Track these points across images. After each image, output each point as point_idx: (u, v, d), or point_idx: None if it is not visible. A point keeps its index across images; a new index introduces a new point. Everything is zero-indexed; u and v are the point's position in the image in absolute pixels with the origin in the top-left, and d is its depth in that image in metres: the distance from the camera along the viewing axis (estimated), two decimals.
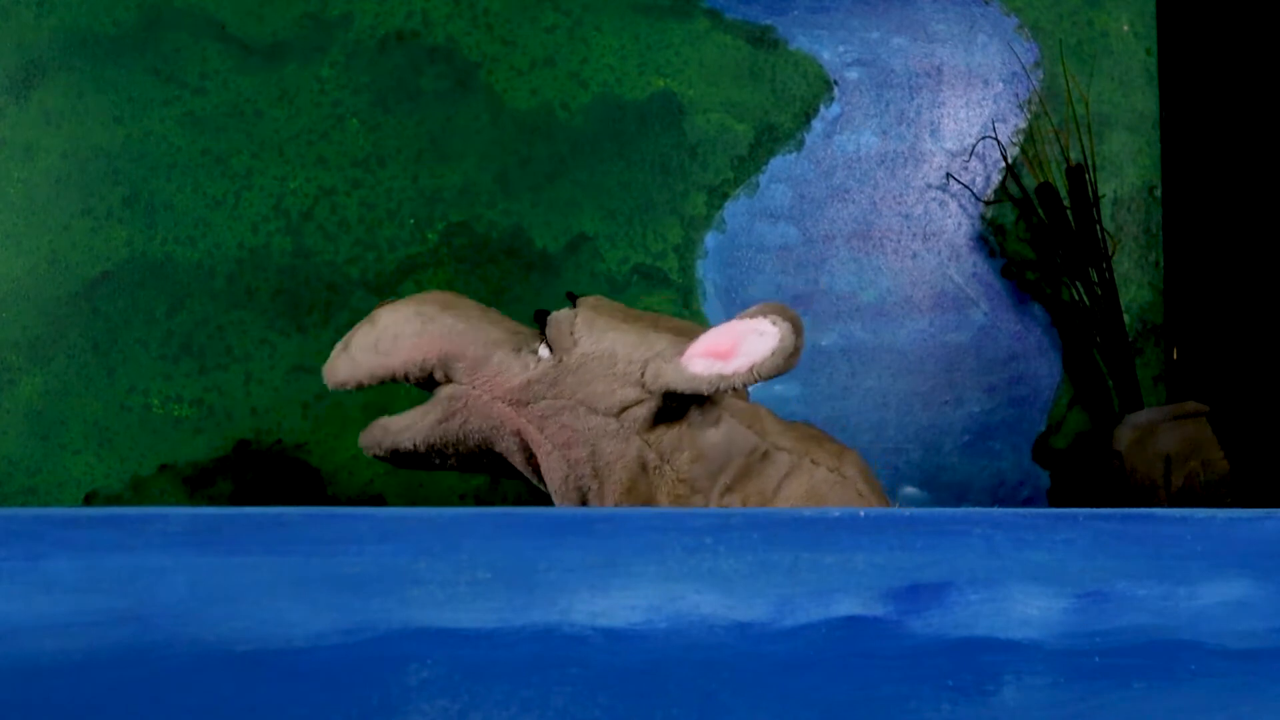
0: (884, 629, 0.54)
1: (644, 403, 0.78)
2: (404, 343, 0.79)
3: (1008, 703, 0.54)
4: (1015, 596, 0.55)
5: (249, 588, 0.51)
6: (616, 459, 0.78)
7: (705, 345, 0.77)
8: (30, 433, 1.10)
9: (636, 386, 0.78)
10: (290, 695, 0.50)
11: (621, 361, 0.78)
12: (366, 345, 0.80)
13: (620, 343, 0.79)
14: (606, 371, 0.78)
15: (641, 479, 0.79)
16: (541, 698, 0.51)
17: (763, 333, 0.76)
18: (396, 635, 0.51)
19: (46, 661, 0.49)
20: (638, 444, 0.78)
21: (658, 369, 0.77)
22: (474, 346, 0.79)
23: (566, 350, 0.79)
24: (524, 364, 0.79)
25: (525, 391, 0.79)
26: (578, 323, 0.80)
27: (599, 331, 0.79)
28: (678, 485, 0.79)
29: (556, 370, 0.78)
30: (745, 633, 0.53)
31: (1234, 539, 0.57)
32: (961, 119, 1.26)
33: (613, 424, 0.78)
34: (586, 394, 0.78)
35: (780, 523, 0.54)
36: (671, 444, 0.79)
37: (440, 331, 0.79)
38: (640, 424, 0.78)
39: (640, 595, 0.53)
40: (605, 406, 0.78)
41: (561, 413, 0.78)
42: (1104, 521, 0.57)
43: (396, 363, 0.79)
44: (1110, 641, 0.55)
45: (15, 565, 0.50)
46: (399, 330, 0.79)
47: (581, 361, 0.78)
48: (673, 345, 0.78)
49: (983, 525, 0.56)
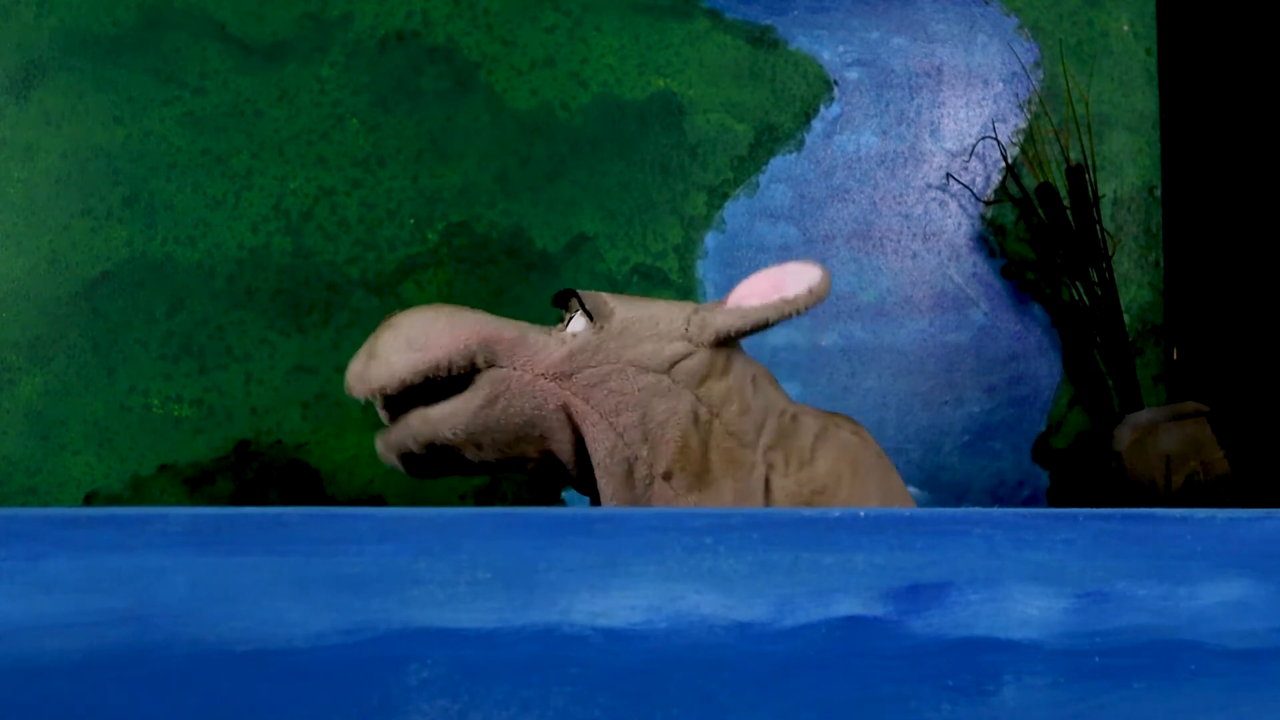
0: (884, 629, 0.54)
1: (693, 355, 0.80)
2: (439, 334, 0.79)
3: (1008, 703, 0.54)
4: (1015, 596, 0.55)
5: (249, 588, 0.51)
6: (669, 416, 0.79)
7: (747, 289, 0.81)
8: (30, 433, 1.10)
9: (684, 340, 0.80)
10: (290, 695, 0.50)
11: (664, 321, 0.80)
12: (397, 346, 0.79)
13: (657, 307, 0.82)
14: (651, 331, 0.80)
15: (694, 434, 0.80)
16: (541, 698, 0.51)
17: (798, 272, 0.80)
18: (396, 635, 0.51)
19: (46, 661, 0.49)
20: (689, 399, 0.80)
21: (704, 319, 0.80)
22: (507, 330, 0.80)
23: (606, 317, 0.80)
24: (560, 339, 0.80)
25: (569, 363, 0.79)
26: (605, 296, 0.82)
27: (631, 302, 0.82)
28: (727, 439, 0.80)
29: (599, 337, 0.80)
30: (745, 633, 0.53)
31: (1234, 539, 0.57)
32: (961, 119, 1.26)
33: (665, 380, 0.79)
34: (635, 354, 0.79)
35: (780, 523, 0.54)
36: (721, 396, 0.80)
37: (471, 320, 0.80)
38: (691, 377, 0.80)
39: (640, 595, 0.53)
40: (656, 364, 0.79)
41: (609, 378, 0.79)
42: (1104, 521, 0.57)
43: (439, 354, 0.78)
44: (1110, 641, 0.55)
45: (15, 565, 0.50)
46: (429, 325, 0.79)
47: (624, 326, 0.80)
48: (706, 303, 0.82)
49: (983, 525, 0.56)
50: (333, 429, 1.13)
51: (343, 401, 1.13)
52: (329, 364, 1.13)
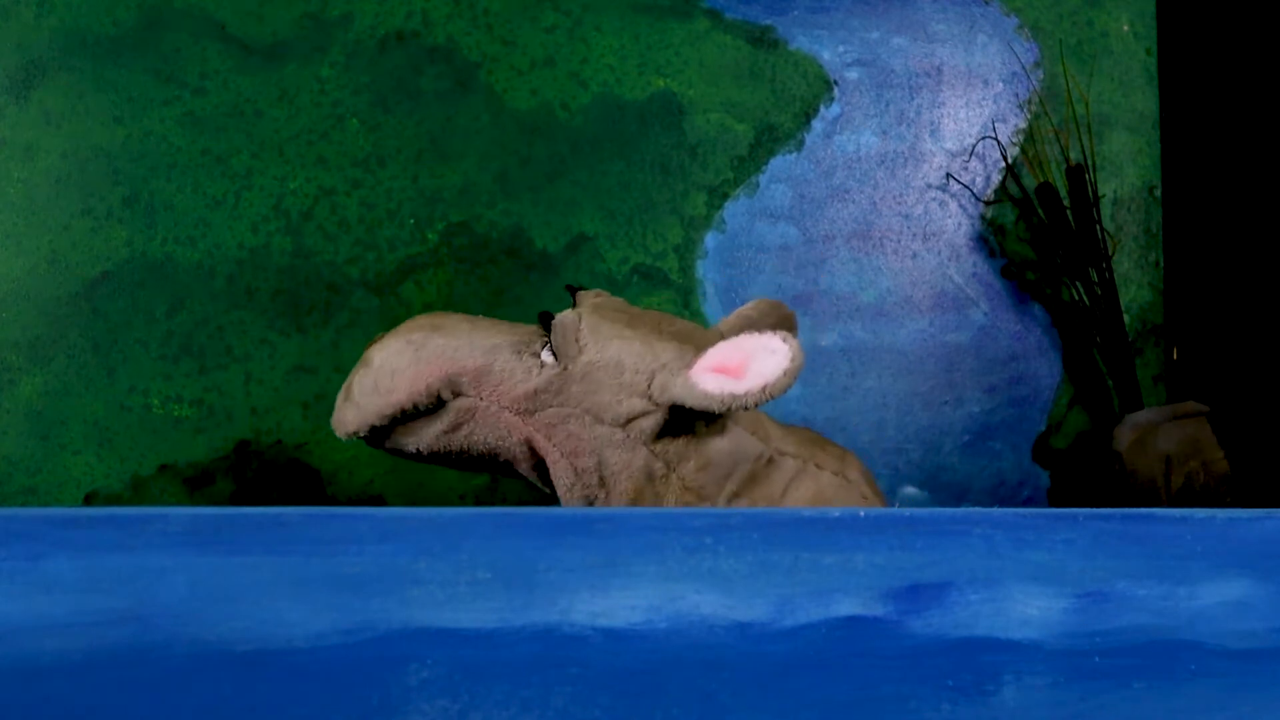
0: (884, 629, 0.54)
1: (650, 414, 0.77)
2: (402, 376, 0.79)
3: (1008, 703, 0.54)
4: (1015, 596, 0.55)
5: (249, 588, 0.51)
6: (623, 468, 0.78)
7: (714, 360, 0.76)
8: (30, 433, 1.10)
9: (643, 398, 0.77)
10: (290, 695, 0.50)
11: (629, 372, 0.77)
12: (367, 389, 0.80)
13: (626, 351, 0.78)
14: (613, 381, 0.77)
15: (648, 488, 0.78)
16: (541, 698, 0.51)
17: (774, 350, 0.75)
18: (396, 635, 0.51)
19: (46, 661, 0.49)
20: (644, 454, 0.78)
21: (665, 382, 0.76)
22: (472, 359, 0.79)
23: (571, 358, 0.78)
24: (527, 369, 0.79)
25: (532, 400, 0.78)
26: (582, 329, 0.79)
27: (604, 339, 0.78)
28: (685, 494, 0.79)
29: (562, 378, 0.78)
30: (745, 633, 0.53)
31: (1234, 539, 0.57)
32: (961, 119, 1.26)
33: (619, 434, 0.78)
34: (592, 403, 0.78)
35: (780, 523, 0.54)
36: (678, 453, 0.78)
37: (434, 354, 0.79)
38: (646, 435, 0.78)
39: (640, 595, 0.53)
40: (611, 417, 0.78)
41: (568, 420, 0.78)
42: (1104, 521, 0.57)
43: (401, 397, 0.79)
44: (1110, 641, 0.55)
45: (15, 565, 0.50)
46: (394, 366, 0.79)
47: (587, 370, 0.77)
48: (679, 356, 0.77)
49: (983, 525, 0.56)
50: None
51: None
52: (329, 364, 1.13)
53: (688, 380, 0.75)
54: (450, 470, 1.13)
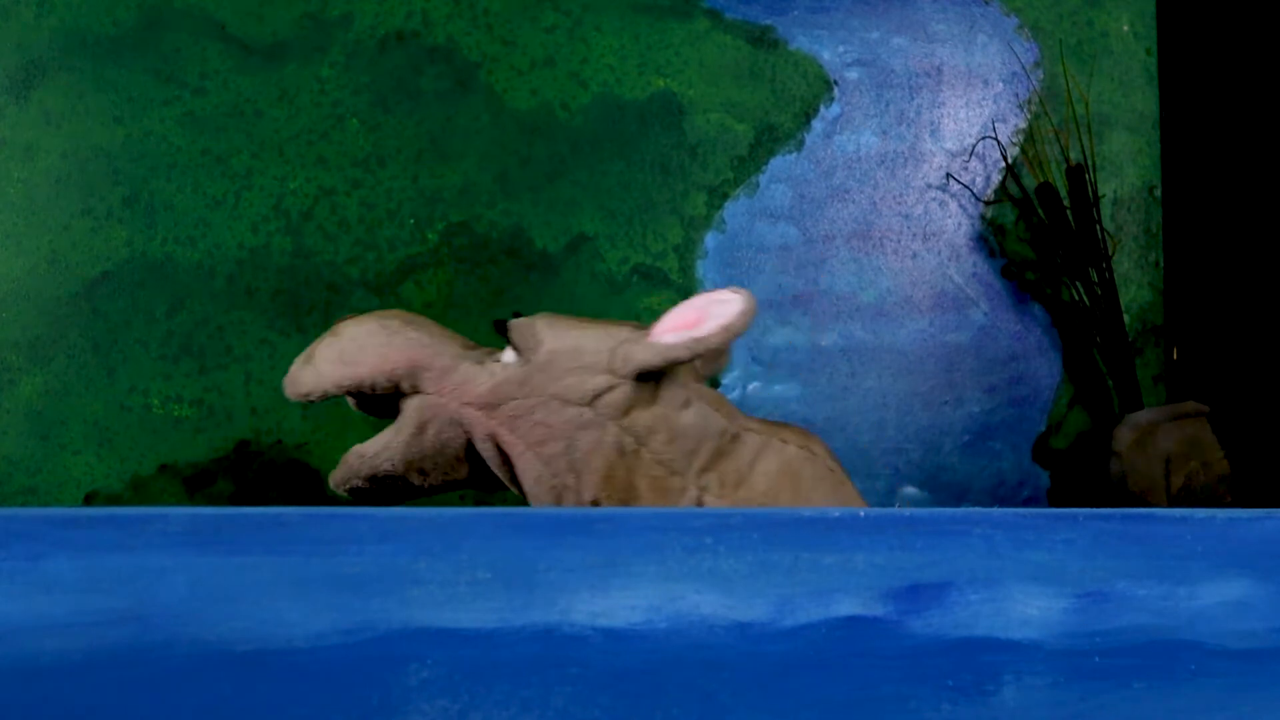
0: (884, 629, 0.54)
1: (616, 388, 0.79)
2: (370, 353, 0.80)
3: (1008, 703, 0.54)
4: (1015, 596, 0.55)
5: (249, 588, 0.51)
6: (593, 448, 0.80)
7: (671, 321, 0.80)
8: (30, 433, 1.10)
9: (607, 374, 0.79)
10: (290, 695, 0.50)
11: (589, 353, 0.80)
12: (331, 356, 0.81)
13: (584, 337, 0.81)
14: (575, 364, 0.80)
15: (619, 464, 0.80)
16: (541, 698, 0.51)
17: (725, 300, 0.79)
18: (396, 635, 0.51)
19: (46, 661, 0.49)
20: (614, 430, 0.80)
21: (627, 352, 0.79)
22: (440, 358, 0.81)
23: (533, 350, 0.80)
24: (490, 371, 0.81)
25: (494, 394, 0.80)
26: (539, 324, 0.81)
27: (561, 330, 0.81)
28: (655, 467, 0.80)
29: (525, 370, 0.80)
30: (745, 633, 0.53)
31: (1234, 539, 0.57)
32: (961, 119, 1.26)
33: (588, 413, 0.79)
34: (559, 388, 0.79)
35: (780, 523, 0.54)
36: (647, 427, 0.80)
37: (405, 342, 0.81)
38: (615, 409, 0.80)
39: (640, 595, 0.53)
40: (578, 396, 0.79)
41: (534, 410, 0.80)
42: (1104, 521, 0.57)
43: (364, 371, 0.80)
44: (1110, 641, 0.55)
45: (15, 565, 0.50)
46: (364, 341, 0.81)
47: (549, 358, 0.80)
48: (634, 331, 0.81)
49: (983, 525, 0.56)
50: (333, 429, 1.13)
51: (342, 401, 1.13)
52: None
53: (648, 341, 0.79)
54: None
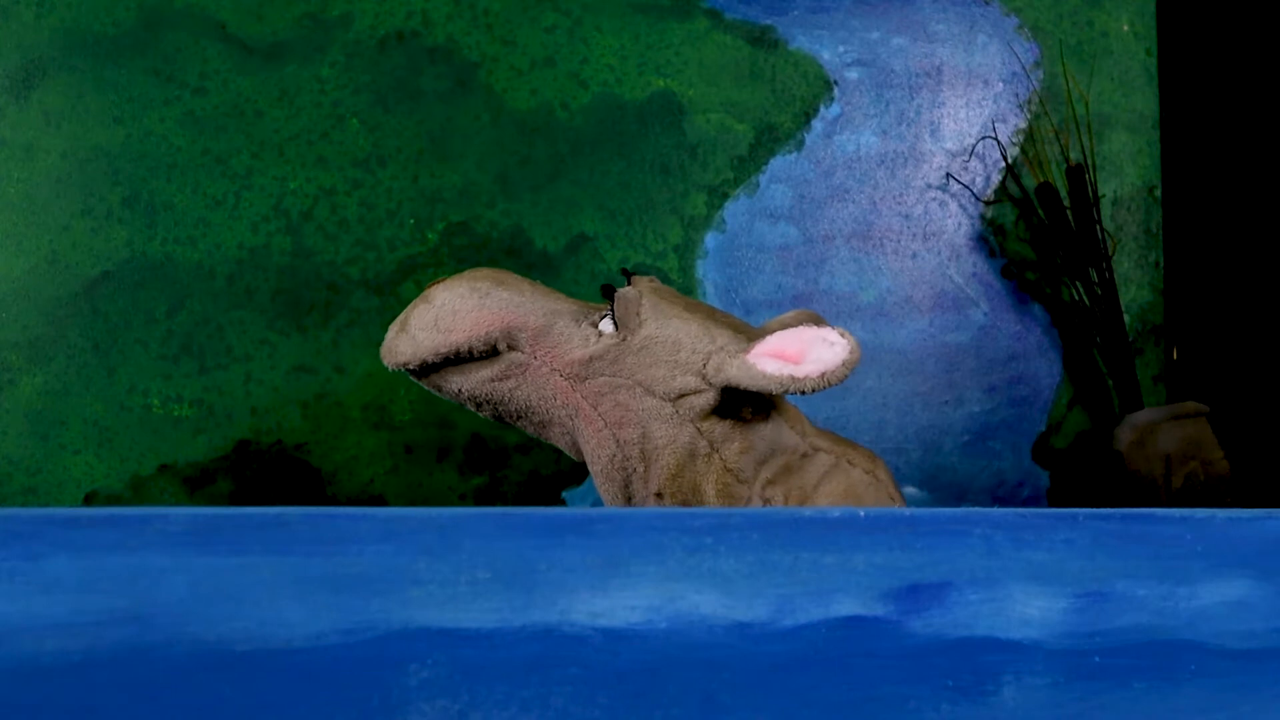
0: (884, 629, 0.54)
1: (702, 393, 0.79)
2: (465, 318, 0.80)
3: (1008, 703, 0.54)
4: (1015, 596, 0.55)
5: (249, 588, 0.51)
6: (667, 444, 0.79)
7: (773, 347, 0.77)
8: (30, 433, 1.10)
9: (697, 376, 0.79)
10: (290, 695, 0.50)
11: (685, 350, 0.79)
12: (426, 324, 0.80)
13: (684, 331, 0.79)
14: (670, 357, 0.79)
15: (689, 465, 0.80)
16: (541, 698, 0.51)
17: (832, 342, 0.77)
18: (396, 635, 0.51)
19: (46, 661, 0.49)
20: (690, 431, 0.79)
21: (721, 363, 0.78)
22: (535, 316, 0.80)
23: (632, 330, 0.79)
24: (585, 337, 0.80)
25: (586, 367, 0.80)
26: (644, 304, 0.80)
27: (664, 317, 0.80)
28: (724, 474, 0.80)
29: (619, 348, 0.79)
30: (745, 633, 0.53)
31: (1234, 539, 0.57)
32: (961, 119, 1.26)
33: (668, 409, 0.79)
34: (646, 376, 0.79)
35: (780, 523, 0.54)
36: (724, 435, 0.80)
37: (499, 304, 0.80)
38: (695, 413, 0.79)
39: (640, 595, 0.53)
40: (664, 391, 0.79)
41: (618, 391, 0.79)
42: (1104, 521, 0.57)
43: (460, 338, 0.80)
44: (1110, 641, 0.55)
45: (15, 565, 0.49)
46: (457, 306, 0.80)
47: (645, 344, 0.79)
48: (734, 340, 0.79)
49: (983, 525, 0.56)
50: (333, 429, 1.13)
51: (342, 401, 1.13)
52: (329, 364, 1.13)
53: (745, 361, 0.77)
54: (450, 470, 1.13)
